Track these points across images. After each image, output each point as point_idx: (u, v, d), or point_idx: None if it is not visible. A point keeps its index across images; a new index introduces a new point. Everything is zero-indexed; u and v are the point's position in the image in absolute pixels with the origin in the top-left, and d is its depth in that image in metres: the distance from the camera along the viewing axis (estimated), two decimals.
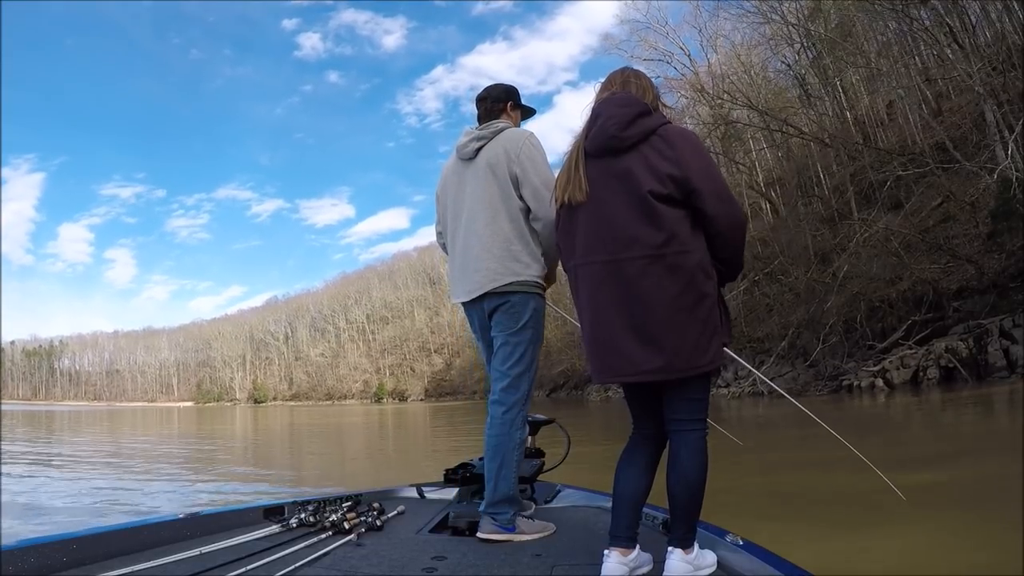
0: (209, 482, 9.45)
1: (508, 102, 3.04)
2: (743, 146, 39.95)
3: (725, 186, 2.07)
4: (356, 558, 2.26)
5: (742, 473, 7.18)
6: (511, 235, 2.79)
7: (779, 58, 37.93)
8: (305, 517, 2.70)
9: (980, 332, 17.64)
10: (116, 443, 18.94)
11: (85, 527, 2.31)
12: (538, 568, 2.16)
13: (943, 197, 24.23)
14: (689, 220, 2.01)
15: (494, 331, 2.85)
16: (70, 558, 2.02)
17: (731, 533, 2.26)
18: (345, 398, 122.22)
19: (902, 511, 4.40)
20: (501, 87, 3.08)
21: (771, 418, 17.08)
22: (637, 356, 2.00)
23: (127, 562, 2.03)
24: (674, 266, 1.96)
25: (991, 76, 23.07)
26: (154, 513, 5.43)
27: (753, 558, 2.06)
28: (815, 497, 6.01)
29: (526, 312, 2.77)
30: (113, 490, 8.45)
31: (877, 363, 20.11)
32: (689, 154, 2.01)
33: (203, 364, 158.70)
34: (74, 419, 42.18)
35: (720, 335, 2.06)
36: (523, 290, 2.77)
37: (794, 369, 25.31)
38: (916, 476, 5.84)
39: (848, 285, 24.27)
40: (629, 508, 2.08)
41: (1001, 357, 16.76)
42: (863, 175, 30.51)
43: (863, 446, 3.82)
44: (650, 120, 2.07)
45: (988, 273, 19.51)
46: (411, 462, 12.90)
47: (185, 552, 2.16)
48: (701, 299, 1.98)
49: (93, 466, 12.07)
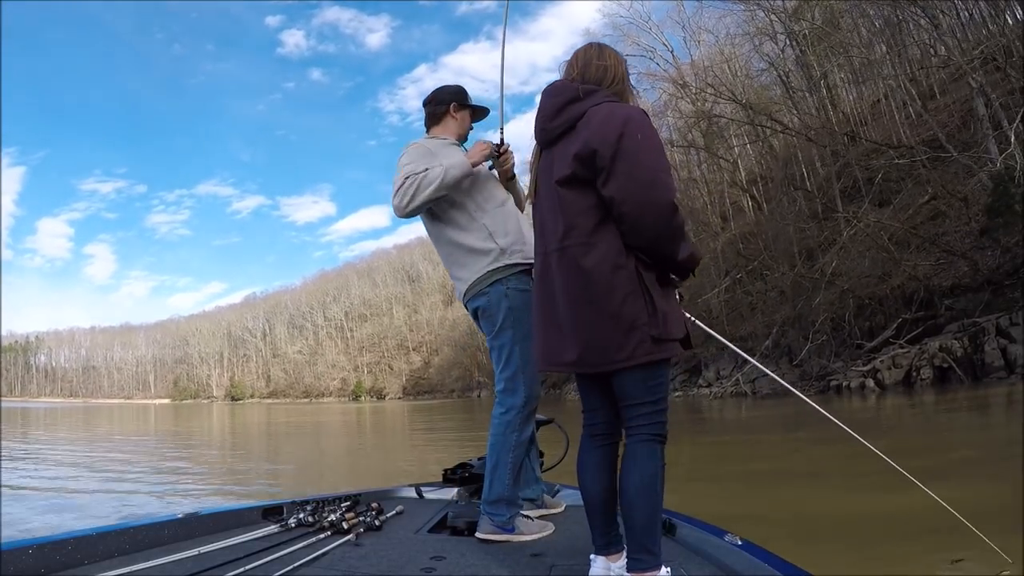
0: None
1: (452, 103, 3.06)
2: (725, 143, 39.57)
3: (651, 167, 1.88)
4: (355, 558, 2.27)
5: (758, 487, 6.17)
6: (451, 244, 2.87)
7: (762, 56, 37.51)
8: (304, 517, 2.71)
9: (976, 331, 16.91)
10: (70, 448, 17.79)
11: (84, 527, 2.27)
12: (537, 568, 2.18)
13: (933, 193, 23.64)
14: (597, 208, 1.92)
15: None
16: (69, 558, 2.03)
17: (730, 533, 2.26)
18: (323, 396, 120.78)
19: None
20: (446, 90, 3.10)
21: (755, 420, 16.34)
22: (557, 347, 2.00)
23: (126, 562, 2.05)
24: (572, 259, 1.93)
25: (985, 68, 22.46)
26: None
27: (752, 558, 2.02)
28: (870, 529, 4.88)
29: (500, 313, 2.75)
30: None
31: (867, 363, 19.35)
32: (605, 129, 1.89)
33: (180, 361, 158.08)
34: (50, 416, 41.98)
35: (643, 329, 1.87)
36: (486, 288, 2.78)
37: (779, 369, 24.41)
38: (960, 489, 4.82)
39: (837, 282, 23.51)
40: (595, 513, 2.03)
41: (999, 357, 16.01)
42: (848, 172, 29.92)
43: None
44: (580, 105, 2.00)
45: (983, 270, 18.78)
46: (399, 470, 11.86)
47: (184, 552, 2.17)
48: (608, 293, 1.88)
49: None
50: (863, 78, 34.92)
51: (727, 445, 11.98)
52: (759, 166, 39.16)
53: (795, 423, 13.09)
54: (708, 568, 2.08)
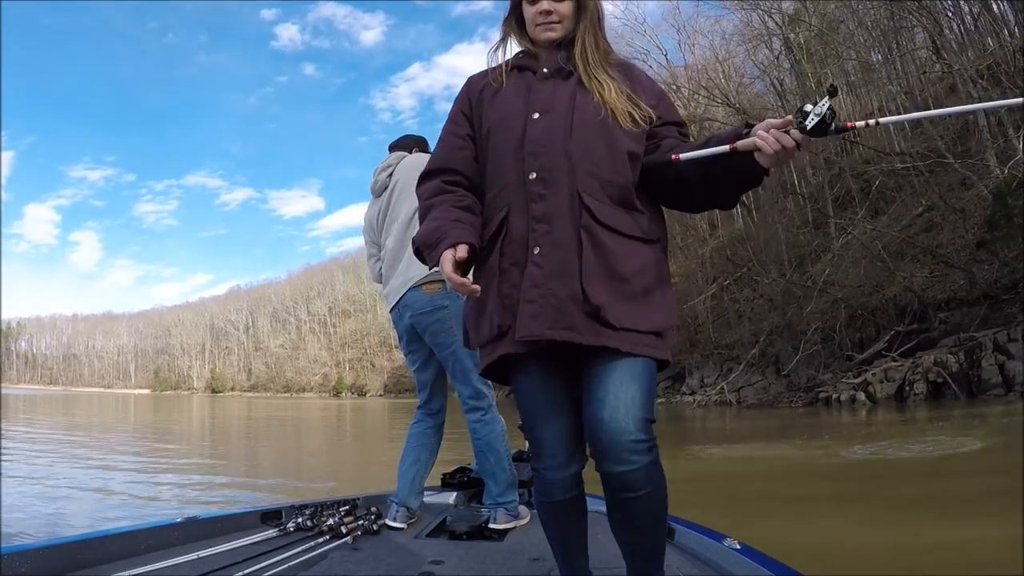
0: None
1: (413, 148, 3.41)
2: None
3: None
4: (353, 562, 2.28)
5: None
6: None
7: (756, 64, 37.12)
8: (302, 521, 2.67)
9: (972, 346, 16.27)
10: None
11: (83, 531, 2.29)
12: (536, 571, 2.19)
13: (928, 204, 23.17)
14: None
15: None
16: (68, 562, 2.02)
17: (728, 537, 2.22)
18: (304, 391, 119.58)
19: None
20: (410, 138, 3.46)
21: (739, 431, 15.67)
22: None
23: (125, 566, 2.06)
24: None
25: (989, 75, 22.04)
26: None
27: (751, 562, 2.00)
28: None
29: (456, 320, 2.90)
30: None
31: (858, 375, 18.71)
32: None
33: (162, 351, 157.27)
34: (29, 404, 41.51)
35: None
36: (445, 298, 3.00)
37: (764, 379, 23.84)
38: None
39: (829, 290, 22.91)
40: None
41: (996, 373, 15.38)
42: (842, 180, 29.52)
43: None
44: None
45: (980, 283, 18.21)
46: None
47: (183, 556, 2.18)
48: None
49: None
50: (860, 83, 34.52)
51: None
52: None
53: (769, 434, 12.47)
54: (707, 572, 2.09)
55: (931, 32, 25.81)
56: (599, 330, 1.54)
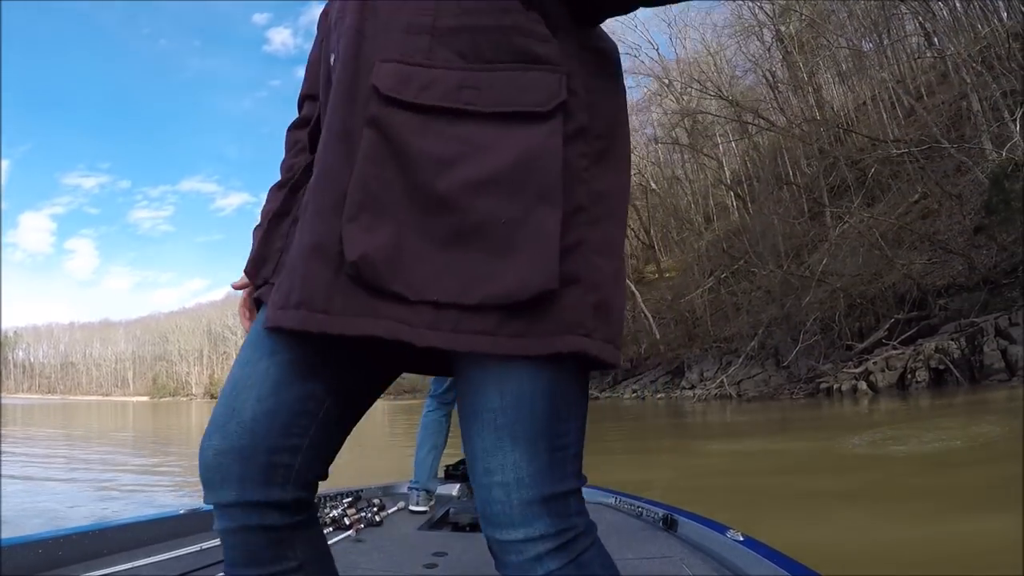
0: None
1: None
2: (710, 140, 39.09)
3: None
4: (356, 554, 2.27)
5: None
6: None
7: (748, 57, 37.04)
8: None
9: (973, 331, 16.10)
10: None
11: (85, 523, 2.29)
12: None
13: (924, 191, 23.08)
14: None
15: None
16: (70, 554, 2.01)
17: (732, 529, 2.19)
18: None
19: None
20: None
21: (738, 425, 15.51)
22: None
23: (127, 557, 2.06)
24: None
25: (982, 60, 21.95)
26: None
27: (754, 554, 1.97)
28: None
29: None
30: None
31: (858, 364, 18.53)
32: None
33: (159, 358, 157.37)
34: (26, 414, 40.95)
35: None
36: None
37: (764, 371, 23.69)
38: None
39: (827, 280, 22.77)
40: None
41: (998, 358, 15.20)
42: (836, 170, 29.35)
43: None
44: None
45: (979, 269, 18.07)
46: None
47: (185, 548, 2.18)
48: None
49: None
50: (852, 72, 34.42)
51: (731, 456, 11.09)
52: (744, 166, 38.61)
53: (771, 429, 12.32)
54: (710, 564, 2.09)
55: (923, 17, 25.62)
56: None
